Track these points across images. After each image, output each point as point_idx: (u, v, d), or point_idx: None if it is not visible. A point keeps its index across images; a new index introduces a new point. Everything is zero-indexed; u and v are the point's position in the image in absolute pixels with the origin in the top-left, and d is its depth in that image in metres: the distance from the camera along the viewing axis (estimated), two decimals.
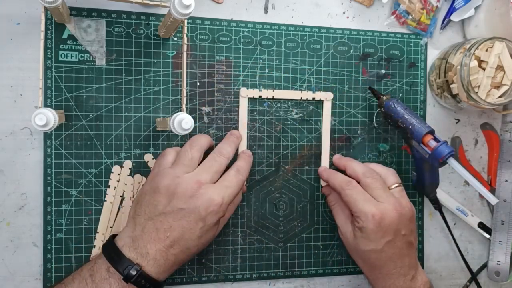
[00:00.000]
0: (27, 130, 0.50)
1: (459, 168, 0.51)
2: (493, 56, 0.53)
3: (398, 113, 0.54)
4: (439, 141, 0.51)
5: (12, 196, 0.50)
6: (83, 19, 0.51)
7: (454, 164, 0.51)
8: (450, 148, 0.51)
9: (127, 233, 0.46)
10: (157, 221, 0.45)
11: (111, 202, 0.52)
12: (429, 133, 0.52)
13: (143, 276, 0.44)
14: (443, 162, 0.51)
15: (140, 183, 0.53)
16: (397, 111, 0.54)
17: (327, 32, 0.58)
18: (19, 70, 0.50)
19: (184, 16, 0.42)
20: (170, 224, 0.45)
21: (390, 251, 0.50)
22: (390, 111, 0.55)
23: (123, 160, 0.52)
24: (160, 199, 0.46)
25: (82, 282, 0.44)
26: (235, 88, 0.55)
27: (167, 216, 0.45)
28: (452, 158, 0.51)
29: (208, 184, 0.47)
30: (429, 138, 0.52)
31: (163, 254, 0.45)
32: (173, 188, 0.45)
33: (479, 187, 0.50)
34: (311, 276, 0.58)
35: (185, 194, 0.45)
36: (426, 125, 0.53)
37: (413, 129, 0.53)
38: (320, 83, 0.58)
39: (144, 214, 0.46)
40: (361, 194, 0.51)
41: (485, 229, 0.63)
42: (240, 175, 0.50)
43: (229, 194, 0.47)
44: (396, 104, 0.55)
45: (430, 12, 0.60)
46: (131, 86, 0.52)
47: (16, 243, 0.50)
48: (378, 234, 0.49)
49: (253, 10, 0.56)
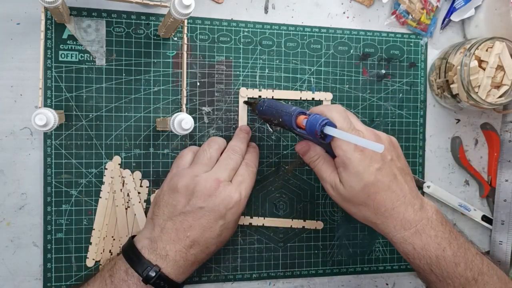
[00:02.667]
0: (27, 130, 0.50)
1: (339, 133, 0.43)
2: (493, 56, 0.53)
3: (266, 112, 0.50)
4: None
5: (12, 196, 0.50)
6: (83, 19, 0.51)
7: (333, 131, 0.44)
8: (320, 118, 0.44)
9: (146, 234, 0.47)
10: (177, 221, 0.46)
11: (106, 199, 0.52)
12: (300, 114, 0.46)
13: (162, 278, 0.44)
14: (323, 135, 0.44)
15: (140, 180, 0.53)
16: (265, 110, 0.50)
17: (327, 32, 0.58)
18: (19, 70, 0.50)
19: (184, 16, 0.42)
20: (190, 223, 0.45)
21: (385, 179, 0.46)
22: (261, 113, 0.51)
23: (123, 160, 0.52)
24: (179, 198, 0.46)
25: (102, 282, 0.45)
26: (235, 88, 0.55)
27: (187, 215, 0.46)
28: (328, 126, 0.44)
29: (226, 182, 0.47)
30: (302, 118, 0.45)
31: (183, 255, 0.45)
32: (192, 187, 0.46)
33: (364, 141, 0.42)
34: (311, 276, 0.58)
35: (205, 192, 0.46)
36: (293, 108, 0.47)
37: (284, 120, 0.47)
38: (320, 83, 0.58)
39: (163, 215, 0.46)
40: None
41: (489, 223, 0.63)
42: (250, 167, 0.50)
43: (245, 188, 0.48)
44: (263, 104, 0.51)
45: (430, 12, 0.60)
46: (131, 86, 0.52)
47: (16, 243, 0.50)
48: (365, 163, 0.45)
49: (253, 10, 0.56)
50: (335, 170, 0.48)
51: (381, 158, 0.46)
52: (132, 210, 0.52)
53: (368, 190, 0.46)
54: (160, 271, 0.44)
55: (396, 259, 0.61)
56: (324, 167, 0.49)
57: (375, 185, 0.46)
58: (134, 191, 0.52)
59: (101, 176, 0.52)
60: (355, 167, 0.45)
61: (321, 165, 0.49)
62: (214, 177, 0.47)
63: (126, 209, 0.52)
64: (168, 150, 0.54)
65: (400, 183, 0.47)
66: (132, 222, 0.52)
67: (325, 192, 0.58)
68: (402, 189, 0.47)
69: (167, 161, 0.54)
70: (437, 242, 0.46)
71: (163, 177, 0.53)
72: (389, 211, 0.46)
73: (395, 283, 0.61)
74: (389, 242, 0.60)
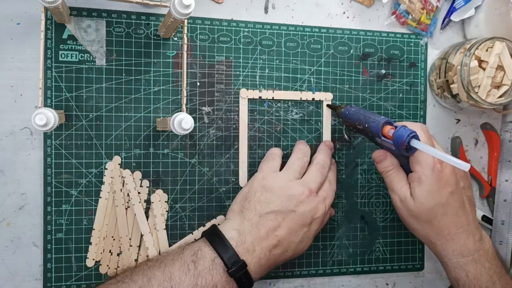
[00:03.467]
0: (27, 130, 0.50)
1: (424, 147, 0.46)
2: (493, 56, 0.53)
3: (352, 117, 0.52)
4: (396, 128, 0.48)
5: (12, 196, 0.50)
6: (83, 19, 0.51)
7: (419, 144, 0.46)
8: (409, 130, 0.46)
9: (234, 226, 0.47)
10: (267, 219, 0.47)
11: (106, 199, 0.52)
12: (387, 124, 0.48)
13: (246, 274, 0.45)
14: (408, 148, 0.47)
15: (141, 180, 0.53)
16: (351, 115, 0.53)
17: (327, 32, 0.58)
18: (19, 70, 0.50)
19: (184, 16, 0.42)
20: (280, 223, 0.47)
21: (455, 204, 0.49)
22: (346, 117, 0.53)
23: (123, 160, 0.52)
24: (272, 198, 0.48)
25: (184, 266, 0.44)
26: (235, 88, 0.55)
27: (278, 215, 0.47)
28: (415, 139, 0.46)
29: (315, 193, 0.50)
30: (388, 128, 0.48)
31: (267, 253, 0.46)
32: (286, 190, 0.48)
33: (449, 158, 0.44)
34: (311, 276, 0.58)
35: (297, 198, 0.48)
36: (381, 117, 0.49)
37: (370, 126, 0.49)
38: (320, 83, 0.58)
39: (254, 210, 0.48)
40: None
41: (489, 223, 0.63)
42: (332, 186, 0.53)
43: (328, 204, 0.52)
44: (350, 109, 0.53)
45: (430, 12, 0.60)
46: (131, 86, 0.52)
47: (16, 243, 0.50)
48: (439, 185, 0.48)
49: (253, 10, 0.56)
50: (407, 184, 0.51)
51: (455, 183, 0.49)
52: (132, 210, 0.52)
53: (437, 210, 0.48)
54: (247, 267, 0.45)
55: (396, 259, 0.61)
56: (397, 178, 0.51)
57: (445, 207, 0.48)
58: (134, 191, 0.52)
59: (101, 176, 0.52)
60: (431, 185, 0.48)
61: (394, 176, 0.52)
62: (307, 187, 0.49)
63: (126, 209, 0.52)
64: (168, 150, 0.54)
65: (467, 211, 0.50)
66: (132, 222, 0.52)
67: None
68: (467, 217, 0.50)
69: (167, 161, 0.54)
70: (490, 275, 0.49)
71: (163, 177, 0.53)
72: (452, 235, 0.49)
73: (395, 283, 0.61)
74: (389, 242, 0.60)
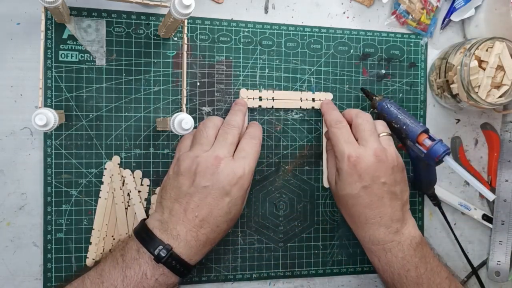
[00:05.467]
0: (27, 130, 0.50)
1: (456, 166, 0.50)
2: (493, 56, 0.53)
3: (391, 113, 0.54)
4: (434, 139, 0.51)
5: (12, 196, 0.50)
6: (83, 19, 0.51)
7: (451, 162, 0.50)
8: (446, 146, 0.50)
9: (156, 217, 0.47)
10: (183, 202, 0.46)
11: (105, 199, 0.52)
12: (424, 132, 0.52)
13: (173, 257, 0.44)
14: (439, 161, 0.50)
15: (141, 179, 0.53)
16: (391, 111, 0.54)
17: (327, 32, 0.58)
18: (19, 70, 0.50)
19: (184, 16, 0.42)
20: (197, 203, 0.46)
21: (366, 197, 0.49)
22: (383, 111, 0.54)
23: (123, 160, 0.52)
24: (183, 181, 0.47)
25: (114, 261, 0.45)
26: (235, 88, 0.55)
27: (193, 196, 0.46)
28: (448, 157, 0.50)
29: (227, 158, 0.47)
30: (424, 137, 0.51)
31: (194, 235, 0.46)
32: (194, 168, 0.46)
33: (476, 184, 0.50)
34: (311, 276, 0.58)
35: (207, 171, 0.46)
36: (420, 124, 0.52)
37: (407, 129, 0.52)
38: (320, 83, 0.58)
39: (169, 198, 0.47)
40: (346, 135, 0.50)
41: (490, 221, 0.63)
42: (253, 140, 0.50)
43: (249, 163, 0.48)
44: (389, 104, 0.54)
45: (430, 12, 0.60)
46: (131, 86, 0.52)
47: (16, 243, 0.50)
48: (353, 177, 0.48)
49: (253, 10, 0.56)
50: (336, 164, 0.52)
51: (371, 178, 0.49)
52: (132, 210, 0.52)
53: (347, 199, 0.50)
54: (172, 250, 0.44)
55: None
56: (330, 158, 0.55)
57: (355, 199, 0.49)
58: (134, 191, 0.52)
59: (101, 176, 0.52)
60: (345, 176, 0.49)
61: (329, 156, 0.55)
62: (214, 155, 0.47)
63: (126, 208, 0.52)
64: (168, 150, 0.54)
65: (383, 205, 0.49)
66: (132, 221, 0.52)
67: (325, 192, 0.58)
68: (382, 211, 0.49)
69: (167, 161, 0.54)
70: (402, 264, 0.49)
71: (163, 177, 0.53)
72: (362, 224, 0.51)
73: None
74: None
